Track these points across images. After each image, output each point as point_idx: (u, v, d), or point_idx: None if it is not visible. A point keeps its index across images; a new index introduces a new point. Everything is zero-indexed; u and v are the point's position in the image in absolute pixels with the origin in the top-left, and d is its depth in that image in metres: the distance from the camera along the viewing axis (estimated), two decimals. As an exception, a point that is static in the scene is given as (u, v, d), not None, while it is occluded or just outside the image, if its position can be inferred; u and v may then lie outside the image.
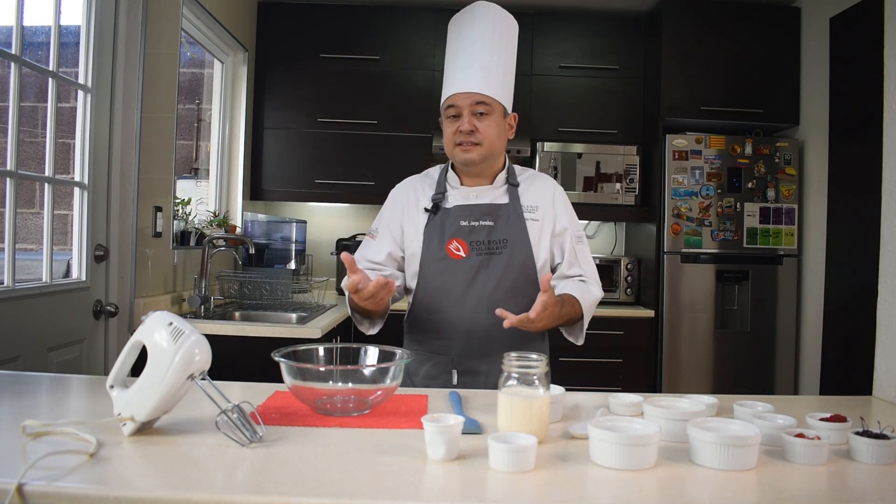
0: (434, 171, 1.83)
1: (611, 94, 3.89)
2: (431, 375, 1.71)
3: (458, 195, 1.74)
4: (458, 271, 1.68)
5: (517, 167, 1.82)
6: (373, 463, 1.01)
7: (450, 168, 1.79)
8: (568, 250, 1.74)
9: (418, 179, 1.82)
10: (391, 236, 1.76)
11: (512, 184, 1.75)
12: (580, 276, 1.75)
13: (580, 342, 1.74)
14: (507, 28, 1.75)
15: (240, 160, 3.70)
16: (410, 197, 1.78)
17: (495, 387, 1.60)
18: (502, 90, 1.70)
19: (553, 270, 1.77)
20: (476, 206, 1.72)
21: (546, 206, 1.75)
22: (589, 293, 1.70)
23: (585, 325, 1.71)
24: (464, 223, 1.70)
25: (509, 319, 1.45)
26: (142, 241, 2.61)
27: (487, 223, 1.70)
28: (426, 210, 1.73)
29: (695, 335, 3.56)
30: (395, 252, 1.75)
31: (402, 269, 1.77)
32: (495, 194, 1.74)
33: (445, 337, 1.69)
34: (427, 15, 3.82)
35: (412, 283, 1.74)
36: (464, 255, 1.68)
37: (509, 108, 1.73)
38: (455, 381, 1.69)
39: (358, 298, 1.48)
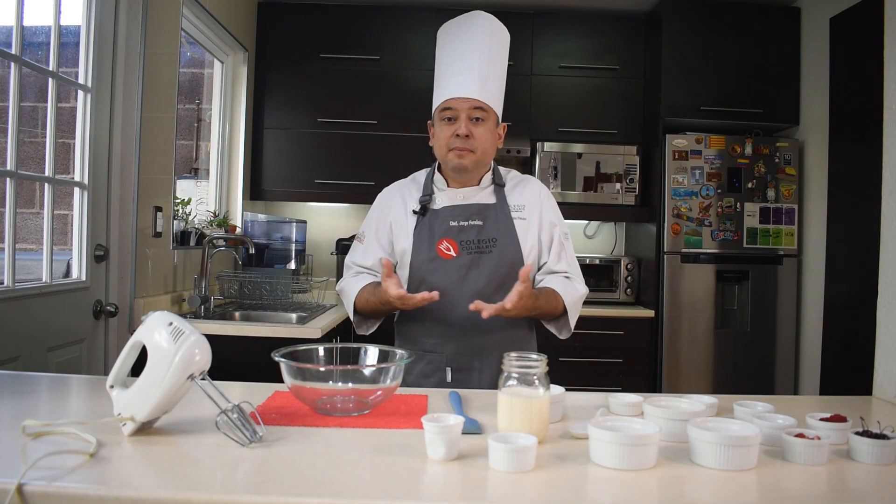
0: (420, 175, 1.85)
1: (611, 94, 3.89)
2: (426, 374, 1.73)
3: (446, 197, 1.76)
4: (450, 270, 1.69)
5: (502, 169, 1.84)
6: (373, 463, 1.01)
7: (436, 171, 1.81)
8: (556, 244, 1.76)
9: (405, 183, 1.85)
10: (378, 242, 1.78)
11: (498, 184, 1.78)
12: (566, 272, 1.76)
13: (563, 336, 1.77)
14: (502, 38, 1.78)
15: (240, 160, 3.70)
16: (397, 200, 1.80)
17: (488, 383, 1.64)
18: (497, 99, 1.75)
19: (539, 268, 1.79)
20: (464, 206, 1.74)
21: (533, 204, 1.77)
22: (573, 289, 1.72)
23: (572, 321, 1.73)
24: (453, 223, 1.72)
25: (487, 310, 1.50)
26: (142, 241, 2.61)
27: (476, 223, 1.72)
28: (414, 212, 1.75)
29: (695, 335, 3.56)
30: (385, 257, 1.76)
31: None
32: (482, 195, 1.76)
33: (438, 335, 1.71)
34: (427, 15, 3.82)
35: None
36: (454, 255, 1.70)
37: (500, 117, 1.77)
38: (449, 378, 1.71)
39: (400, 304, 1.56)
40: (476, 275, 1.69)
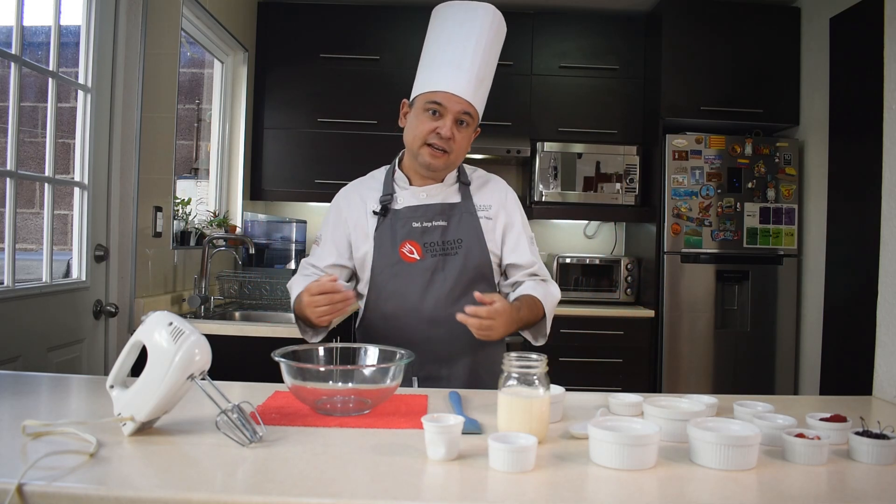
0: (379, 173, 1.77)
1: (611, 94, 3.89)
2: None
3: (408, 195, 1.68)
4: (413, 275, 1.62)
5: (467, 167, 1.76)
6: (373, 463, 1.01)
7: (397, 168, 1.73)
8: (526, 247, 1.69)
9: (362, 182, 1.77)
10: (334, 246, 1.69)
11: (463, 182, 1.71)
12: (537, 274, 1.70)
13: (539, 342, 1.69)
14: (501, 36, 1.71)
15: (240, 160, 3.70)
16: (355, 201, 1.71)
17: None
18: (483, 105, 1.68)
19: (504, 271, 1.72)
20: (427, 206, 1.66)
21: (499, 204, 1.70)
22: (550, 295, 1.67)
23: (548, 328, 1.67)
24: (416, 224, 1.64)
25: (469, 317, 1.41)
26: (142, 241, 2.61)
27: (440, 223, 1.64)
28: (374, 213, 1.66)
29: (695, 335, 3.56)
30: (338, 261, 1.69)
31: (350, 279, 1.72)
32: (446, 193, 1.69)
33: (403, 344, 1.59)
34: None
35: (364, 290, 1.68)
36: (418, 258, 1.62)
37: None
38: (416, 387, 1.63)
39: (314, 302, 1.44)
40: (441, 278, 1.62)
